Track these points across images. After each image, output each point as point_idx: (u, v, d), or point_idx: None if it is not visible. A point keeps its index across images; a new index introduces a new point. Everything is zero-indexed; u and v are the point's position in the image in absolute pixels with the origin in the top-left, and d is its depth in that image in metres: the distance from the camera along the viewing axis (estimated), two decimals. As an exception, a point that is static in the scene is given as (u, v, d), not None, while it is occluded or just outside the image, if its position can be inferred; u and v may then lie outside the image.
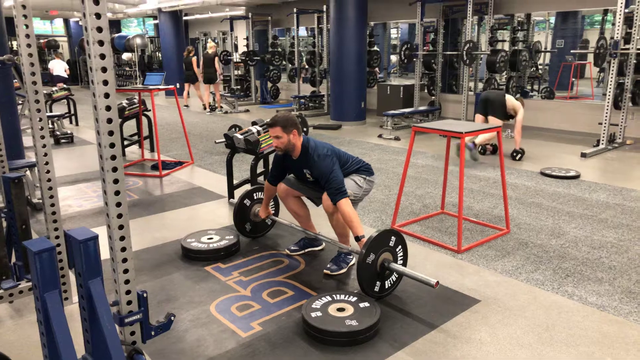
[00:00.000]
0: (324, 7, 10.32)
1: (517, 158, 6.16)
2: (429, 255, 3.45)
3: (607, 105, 6.61)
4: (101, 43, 1.57)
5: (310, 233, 3.36)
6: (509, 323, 2.57)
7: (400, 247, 2.86)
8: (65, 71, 13.37)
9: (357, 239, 2.82)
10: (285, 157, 3.18)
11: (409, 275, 2.72)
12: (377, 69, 11.29)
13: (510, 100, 6.02)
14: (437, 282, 2.59)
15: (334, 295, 2.69)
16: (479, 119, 6.17)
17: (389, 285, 2.81)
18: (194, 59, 11.17)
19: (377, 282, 2.74)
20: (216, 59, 10.91)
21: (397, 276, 2.85)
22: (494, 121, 5.99)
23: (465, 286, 2.97)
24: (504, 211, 3.89)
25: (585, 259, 3.35)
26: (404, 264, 2.91)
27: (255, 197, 3.67)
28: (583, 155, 6.37)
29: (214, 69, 10.90)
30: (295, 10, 11.09)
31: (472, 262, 3.32)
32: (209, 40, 11.30)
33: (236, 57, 13.43)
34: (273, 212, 3.70)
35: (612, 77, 6.54)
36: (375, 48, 11.02)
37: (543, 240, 3.70)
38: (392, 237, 2.81)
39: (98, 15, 1.55)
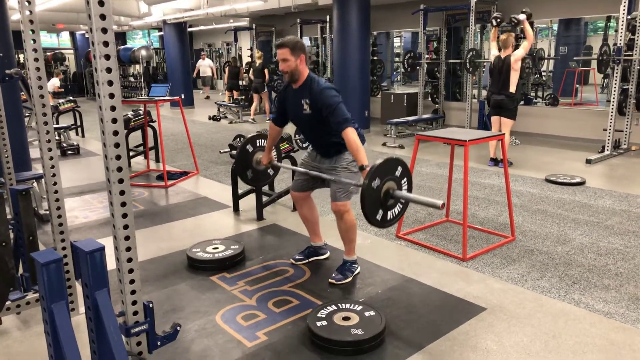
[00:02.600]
0: (327, 17, 10.39)
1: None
2: (434, 263, 3.44)
3: (612, 112, 6.60)
4: (107, 57, 1.60)
5: (315, 244, 3.36)
6: (516, 331, 2.56)
7: (405, 179, 2.68)
8: (54, 88, 13.30)
9: (362, 167, 2.73)
10: (286, 90, 3.12)
11: (414, 200, 2.59)
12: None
13: (513, 78, 5.93)
14: (443, 203, 2.46)
15: (339, 304, 2.69)
16: (495, 120, 6.23)
17: (391, 216, 2.66)
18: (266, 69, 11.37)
19: (380, 210, 2.59)
20: (265, 70, 11.23)
21: (400, 208, 2.69)
22: (505, 122, 6.05)
23: (470, 294, 2.96)
24: (509, 218, 3.88)
25: (591, 266, 3.34)
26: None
27: (257, 144, 3.52)
28: (588, 161, 6.35)
29: (262, 79, 11.24)
30: (298, 20, 11.17)
31: (478, 269, 3.32)
32: (256, 50, 11.69)
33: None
34: (276, 159, 3.54)
35: (616, 83, 6.54)
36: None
37: (549, 247, 3.69)
38: (399, 167, 2.64)
39: (104, 30, 1.58)
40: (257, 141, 3.52)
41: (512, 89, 5.94)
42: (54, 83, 13.45)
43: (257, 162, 3.48)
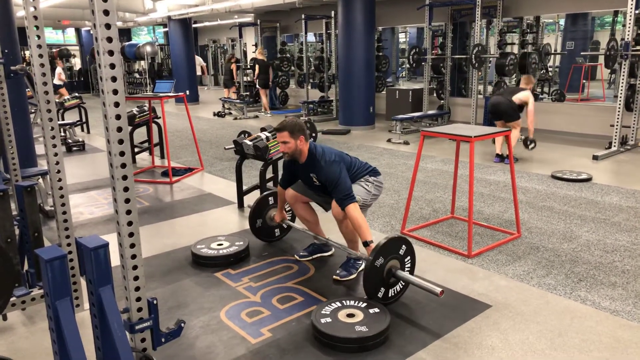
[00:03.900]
0: (332, 13, 10.35)
1: (530, 147, 6.12)
2: (439, 260, 3.43)
3: (619, 107, 6.55)
4: (111, 53, 1.59)
5: (320, 238, 3.37)
6: (521, 328, 2.55)
7: (409, 257, 2.84)
8: (59, 77, 13.33)
9: (366, 244, 2.82)
10: (293, 161, 3.19)
11: (415, 283, 2.71)
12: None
13: (517, 96, 5.96)
14: (442, 291, 2.56)
15: (343, 301, 2.68)
16: (499, 125, 6.17)
17: (393, 294, 2.78)
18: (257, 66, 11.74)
19: (382, 288, 2.72)
20: (269, 67, 11.59)
21: (401, 286, 2.82)
22: (511, 125, 6.00)
23: (475, 291, 2.95)
24: (515, 215, 3.86)
25: (598, 263, 3.32)
26: (411, 274, 2.89)
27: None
28: (595, 157, 6.31)
29: (269, 75, 11.57)
30: (303, 16, 11.13)
31: (483, 266, 3.30)
32: (260, 47, 12.06)
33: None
34: (289, 218, 3.72)
35: (623, 79, 6.48)
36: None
37: (555, 244, 3.66)
38: (403, 246, 2.80)
39: (108, 26, 1.57)
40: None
41: (515, 100, 5.95)
42: (58, 71, 13.43)
43: (271, 218, 3.69)
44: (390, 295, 2.77)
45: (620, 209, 4.38)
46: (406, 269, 2.83)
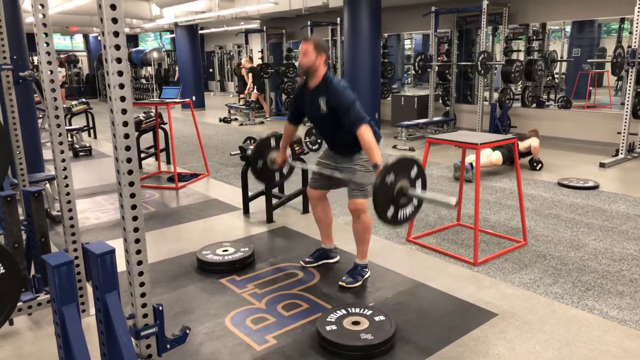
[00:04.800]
0: (338, 20, 10.39)
1: (538, 168, 6.11)
2: (445, 267, 3.41)
3: (626, 114, 6.52)
4: (119, 60, 1.60)
5: (327, 245, 3.36)
6: (528, 338, 2.53)
7: (420, 180, 2.66)
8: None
9: (375, 166, 2.75)
10: (302, 90, 3.11)
11: (427, 198, 2.59)
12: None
13: (522, 144, 6.11)
14: (457, 202, 2.42)
15: (349, 309, 2.67)
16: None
17: (402, 217, 2.62)
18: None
19: (391, 207, 2.56)
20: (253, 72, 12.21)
21: (411, 210, 2.66)
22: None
23: (481, 299, 2.93)
24: (521, 223, 3.84)
25: (605, 272, 3.29)
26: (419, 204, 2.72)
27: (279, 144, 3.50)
28: (602, 165, 6.27)
29: (261, 80, 12.30)
30: (309, 23, 11.17)
31: (489, 274, 3.28)
32: (245, 56, 12.95)
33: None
34: (290, 158, 3.52)
35: (630, 86, 6.45)
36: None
37: (562, 252, 3.64)
38: (414, 167, 2.63)
39: (116, 34, 1.58)
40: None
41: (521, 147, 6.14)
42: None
43: (272, 160, 3.45)
44: (399, 217, 2.61)
45: (627, 217, 4.35)
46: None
